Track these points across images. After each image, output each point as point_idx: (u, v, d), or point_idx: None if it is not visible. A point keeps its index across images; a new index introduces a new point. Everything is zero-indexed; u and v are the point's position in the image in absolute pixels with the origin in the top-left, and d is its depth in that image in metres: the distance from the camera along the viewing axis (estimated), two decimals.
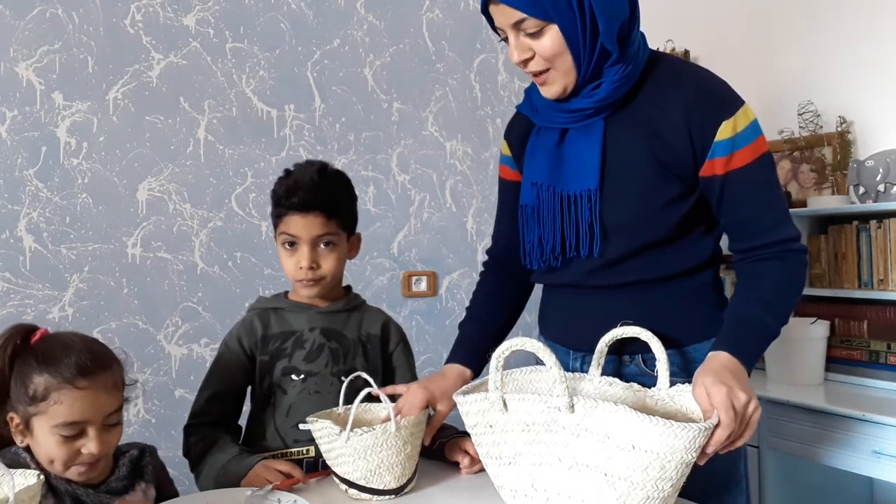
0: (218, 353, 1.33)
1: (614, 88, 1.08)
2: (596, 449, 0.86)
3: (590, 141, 1.12)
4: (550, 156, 1.15)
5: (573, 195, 1.12)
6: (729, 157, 1.07)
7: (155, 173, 2.11)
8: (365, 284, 2.43)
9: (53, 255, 1.97)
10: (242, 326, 1.33)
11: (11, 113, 1.92)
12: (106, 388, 1.02)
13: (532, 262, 1.20)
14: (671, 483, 0.85)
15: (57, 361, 1.00)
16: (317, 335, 1.31)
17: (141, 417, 2.05)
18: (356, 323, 1.36)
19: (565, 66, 1.07)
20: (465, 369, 1.24)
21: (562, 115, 1.14)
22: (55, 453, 0.99)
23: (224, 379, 1.30)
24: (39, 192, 1.95)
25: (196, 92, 2.17)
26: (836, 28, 2.26)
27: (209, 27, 2.19)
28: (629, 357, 1.16)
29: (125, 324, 2.05)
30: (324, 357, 1.30)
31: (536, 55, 1.07)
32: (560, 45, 1.05)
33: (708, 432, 0.85)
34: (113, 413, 1.03)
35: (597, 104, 1.09)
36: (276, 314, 1.33)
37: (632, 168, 1.11)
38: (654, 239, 1.12)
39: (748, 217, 1.10)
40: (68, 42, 2.00)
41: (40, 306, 1.94)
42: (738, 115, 1.06)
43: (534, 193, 1.17)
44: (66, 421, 0.98)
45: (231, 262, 2.20)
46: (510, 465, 0.95)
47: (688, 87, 1.08)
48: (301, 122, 2.34)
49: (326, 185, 1.30)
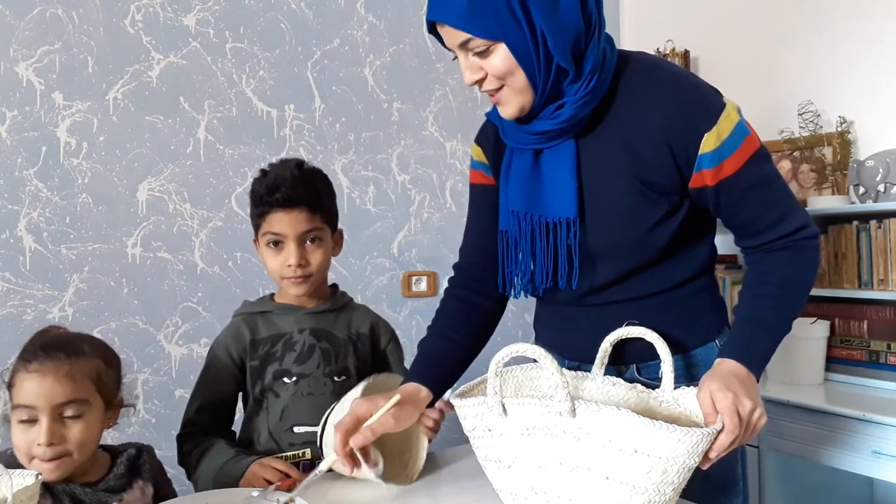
0: (206, 361, 1.31)
1: (578, 108, 1.01)
2: (598, 452, 0.85)
3: (562, 164, 1.05)
4: (526, 180, 1.09)
5: (552, 223, 1.07)
6: (718, 167, 1.01)
7: (155, 173, 2.11)
8: (365, 284, 2.43)
9: (53, 255, 1.97)
10: (229, 333, 1.31)
11: (11, 113, 1.92)
12: (56, 375, 0.98)
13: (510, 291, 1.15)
14: (673, 487, 0.85)
15: (24, 346, 1.00)
16: (306, 336, 1.29)
17: (141, 417, 2.05)
18: (345, 322, 1.35)
19: (518, 85, 1.01)
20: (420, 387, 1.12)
21: (528, 137, 1.07)
22: (16, 441, 0.99)
23: (212, 388, 1.29)
24: (39, 192, 1.95)
25: (196, 92, 2.17)
26: (836, 28, 2.26)
27: (209, 27, 2.19)
28: (625, 367, 1.14)
29: (125, 324, 2.05)
30: (315, 358, 1.29)
31: (488, 75, 1.01)
32: (510, 64, 0.98)
33: (711, 437, 0.85)
34: (67, 404, 0.99)
35: (561, 125, 1.02)
36: (263, 318, 1.31)
37: (614, 191, 1.05)
38: (644, 262, 1.09)
39: (750, 219, 1.07)
40: (68, 42, 2.00)
41: (40, 306, 1.94)
42: (721, 122, 1.00)
43: (512, 220, 1.11)
44: (16, 403, 0.98)
45: (231, 262, 2.20)
46: (510, 469, 0.94)
47: (664, 98, 1.02)
48: (301, 122, 2.34)
49: (308, 179, 1.27)
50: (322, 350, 1.30)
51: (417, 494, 1.11)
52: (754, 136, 1.03)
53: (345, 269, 2.40)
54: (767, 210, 1.06)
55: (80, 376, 1.01)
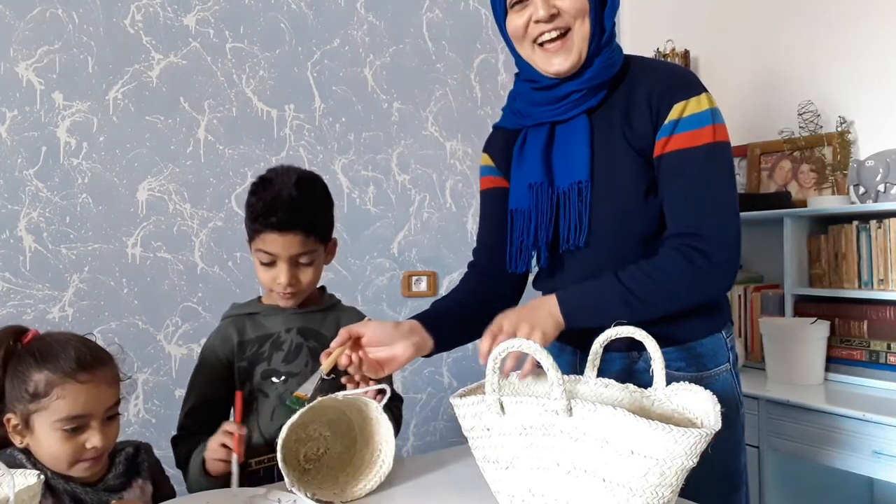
0: (196, 364, 1.32)
1: (602, 68, 1.12)
2: (594, 454, 0.84)
3: (577, 137, 1.14)
4: (542, 155, 1.16)
5: (566, 190, 1.13)
6: (668, 138, 1.07)
7: (155, 173, 2.11)
8: (365, 284, 2.43)
9: (53, 255, 1.97)
10: (217, 336, 1.32)
11: (11, 113, 1.92)
12: (106, 381, 1.04)
13: (517, 264, 1.19)
14: (671, 490, 0.84)
15: (56, 357, 1.01)
16: (294, 335, 1.30)
17: (141, 417, 2.05)
18: (333, 321, 1.35)
19: (585, 30, 1.10)
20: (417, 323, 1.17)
21: (548, 108, 1.16)
22: (59, 450, 1.00)
23: (202, 391, 1.30)
24: (39, 192, 1.95)
25: (196, 92, 2.17)
26: (836, 28, 2.26)
27: (209, 27, 2.19)
28: (637, 353, 1.15)
29: (125, 324, 2.05)
30: (303, 357, 1.29)
31: (561, 12, 1.09)
32: (585, 4, 1.09)
33: (709, 438, 0.83)
34: (113, 406, 1.05)
35: (586, 84, 1.12)
36: (251, 319, 1.32)
37: (614, 161, 1.12)
38: (645, 230, 1.12)
39: (669, 204, 1.09)
40: (68, 42, 2.00)
41: (40, 306, 1.94)
42: (692, 100, 1.07)
43: (529, 194, 1.17)
44: (69, 415, 0.99)
45: (231, 262, 2.20)
46: (507, 470, 0.93)
47: (652, 75, 1.12)
48: (301, 122, 2.34)
49: (305, 199, 1.26)
50: (310, 348, 1.30)
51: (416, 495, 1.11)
52: (715, 133, 1.06)
53: (345, 269, 2.40)
54: (684, 202, 1.08)
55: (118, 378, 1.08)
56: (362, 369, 1.09)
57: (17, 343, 1.04)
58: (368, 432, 1.16)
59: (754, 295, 2.25)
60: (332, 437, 1.18)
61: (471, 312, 1.22)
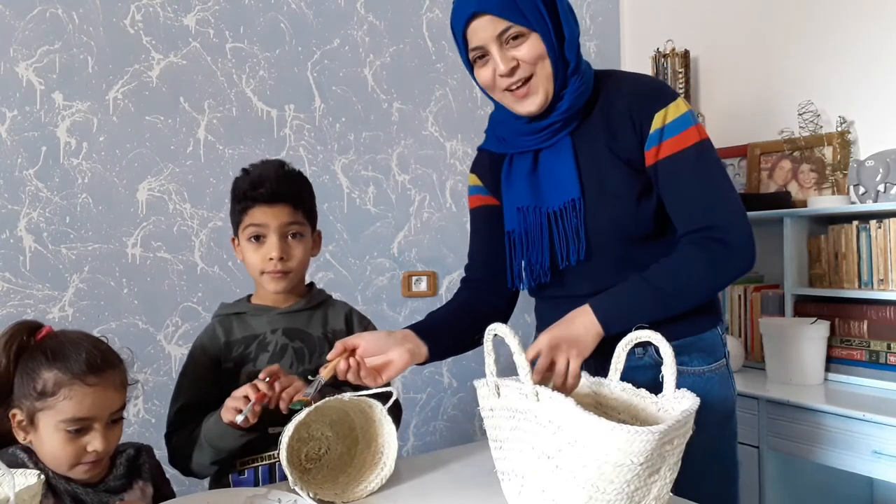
0: (184, 364, 1.32)
1: (575, 98, 1.16)
2: (551, 440, 0.89)
3: (562, 157, 1.18)
4: (528, 179, 1.21)
5: (558, 210, 1.18)
6: (658, 147, 1.13)
7: (155, 173, 2.11)
8: (365, 284, 2.43)
9: (53, 255, 1.97)
10: (205, 335, 1.32)
11: (11, 113, 1.92)
12: (114, 386, 1.04)
13: (521, 283, 1.26)
14: (613, 486, 0.84)
15: (66, 357, 1.01)
16: (279, 336, 1.30)
17: (141, 417, 2.05)
18: (320, 320, 1.35)
19: (546, 72, 1.15)
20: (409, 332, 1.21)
21: (531, 138, 1.20)
22: (60, 451, 1.00)
23: (190, 390, 1.30)
24: (39, 192, 1.95)
25: (196, 92, 2.17)
26: (836, 28, 2.26)
27: (209, 27, 2.19)
28: (643, 350, 1.18)
29: (125, 324, 2.05)
30: (288, 358, 1.29)
31: (521, 63, 1.14)
32: (542, 50, 1.13)
33: (647, 438, 0.81)
34: (118, 410, 1.05)
35: (563, 116, 1.17)
36: (238, 319, 1.33)
37: (602, 173, 1.17)
38: (641, 233, 1.17)
39: (675, 206, 1.15)
40: (68, 42, 2.00)
41: (40, 306, 1.94)
42: (670, 106, 1.13)
43: (520, 217, 1.22)
44: (73, 416, 0.99)
45: (231, 262, 2.20)
46: (500, 450, 1.00)
47: (627, 87, 1.18)
48: (301, 122, 2.34)
49: (290, 178, 1.32)
50: (295, 349, 1.30)
51: (416, 495, 1.11)
52: (697, 132, 1.13)
53: (345, 269, 2.40)
54: (691, 201, 1.13)
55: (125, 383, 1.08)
56: (360, 376, 1.13)
57: (31, 338, 1.04)
58: (371, 434, 1.16)
59: (754, 295, 2.25)
60: (334, 437, 1.18)
61: (463, 323, 1.28)
